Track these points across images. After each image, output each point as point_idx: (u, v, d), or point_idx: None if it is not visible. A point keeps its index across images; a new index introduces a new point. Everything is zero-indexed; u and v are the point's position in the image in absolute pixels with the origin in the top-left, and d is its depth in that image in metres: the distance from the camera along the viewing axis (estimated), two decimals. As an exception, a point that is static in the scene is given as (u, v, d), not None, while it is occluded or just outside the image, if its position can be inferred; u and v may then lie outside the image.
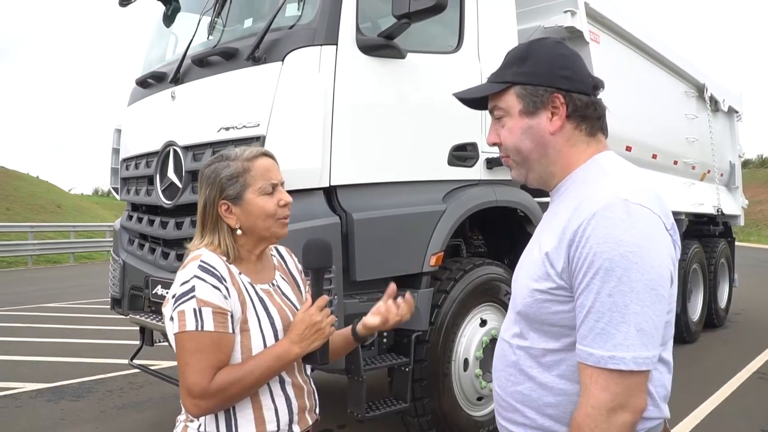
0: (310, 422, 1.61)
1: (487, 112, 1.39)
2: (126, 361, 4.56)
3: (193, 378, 1.40)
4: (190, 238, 1.63)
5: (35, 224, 19.40)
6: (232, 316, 1.46)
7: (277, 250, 1.76)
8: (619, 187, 1.17)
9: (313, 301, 1.54)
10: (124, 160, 4.31)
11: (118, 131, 4.53)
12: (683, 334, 6.99)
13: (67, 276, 15.34)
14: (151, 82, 4.03)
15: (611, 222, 1.11)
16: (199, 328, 1.41)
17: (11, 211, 22.35)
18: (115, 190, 4.57)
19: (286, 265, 1.75)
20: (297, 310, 1.64)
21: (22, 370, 5.97)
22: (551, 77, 1.26)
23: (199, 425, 1.50)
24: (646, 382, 1.12)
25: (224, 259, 1.52)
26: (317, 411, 1.67)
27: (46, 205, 25.03)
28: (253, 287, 1.55)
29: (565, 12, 4.77)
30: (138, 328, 4.36)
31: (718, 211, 7.69)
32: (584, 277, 1.12)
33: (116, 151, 4.56)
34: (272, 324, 1.53)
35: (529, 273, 1.26)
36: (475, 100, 1.38)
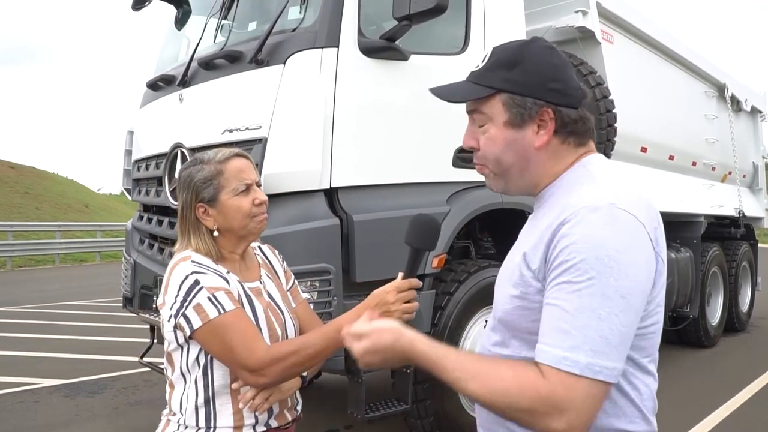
0: (290, 418, 1.63)
1: None
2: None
3: (244, 354, 1.44)
4: None
5: (63, 223, 19.85)
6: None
7: (261, 249, 1.79)
8: (606, 190, 1.11)
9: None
10: (136, 161, 4.39)
11: (131, 133, 4.62)
12: (701, 338, 6.87)
13: (92, 274, 15.64)
14: (160, 84, 4.10)
15: (593, 224, 1.05)
16: (222, 311, 1.45)
17: (40, 210, 22.89)
18: (128, 191, 4.66)
19: (270, 263, 1.78)
20: (279, 310, 1.66)
21: (42, 366, 6.13)
22: (541, 89, 1.16)
23: (179, 418, 1.53)
24: (601, 396, 1.02)
25: (210, 259, 1.57)
26: (299, 409, 1.69)
27: (74, 205, 25.61)
28: (242, 285, 1.59)
29: (577, 12, 4.73)
30: (148, 326, 4.44)
31: (739, 213, 7.52)
32: (555, 272, 1.06)
33: (129, 153, 4.65)
34: (257, 323, 1.56)
35: (509, 278, 1.20)
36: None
